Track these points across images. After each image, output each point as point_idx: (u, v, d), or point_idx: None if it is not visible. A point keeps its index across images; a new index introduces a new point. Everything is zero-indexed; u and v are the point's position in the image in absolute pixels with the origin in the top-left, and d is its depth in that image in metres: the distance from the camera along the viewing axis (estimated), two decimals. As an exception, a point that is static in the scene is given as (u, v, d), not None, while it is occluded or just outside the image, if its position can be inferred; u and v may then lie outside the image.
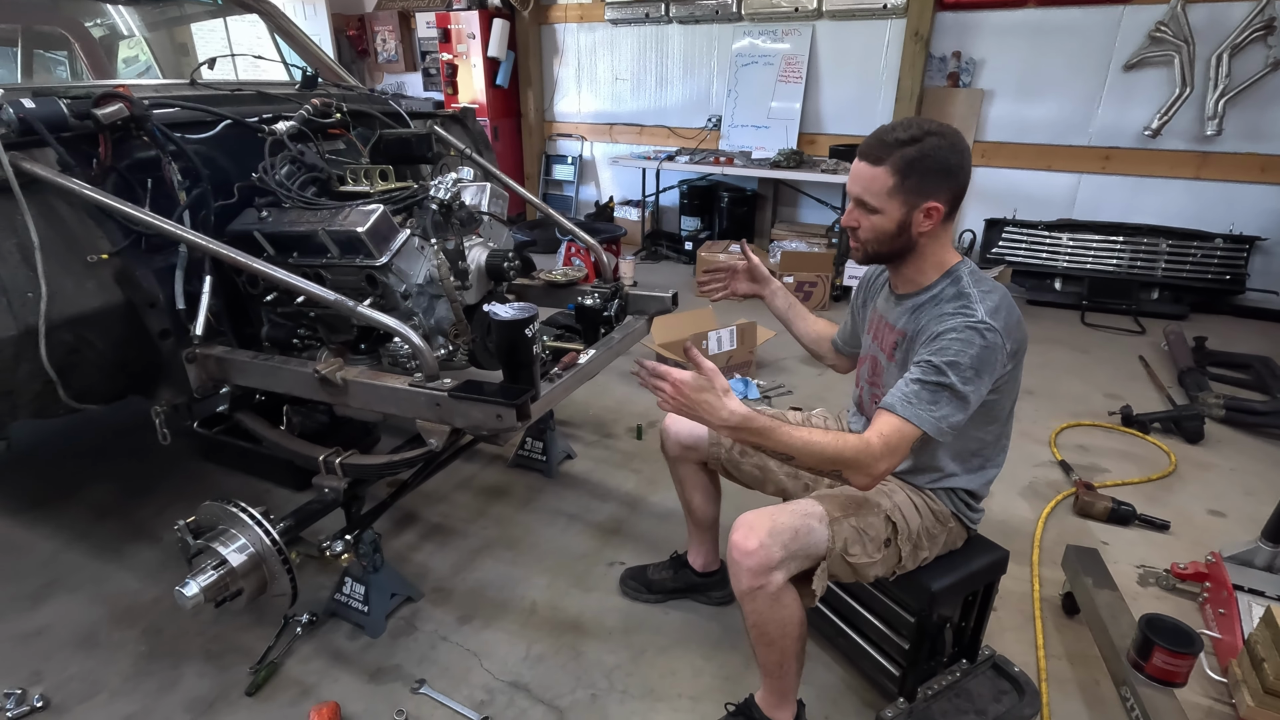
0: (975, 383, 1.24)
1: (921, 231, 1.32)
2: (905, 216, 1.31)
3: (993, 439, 1.43)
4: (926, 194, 1.28)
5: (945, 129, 1.28)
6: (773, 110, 5.38)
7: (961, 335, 1.24)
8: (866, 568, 1.37)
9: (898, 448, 1.25)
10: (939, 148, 1.26)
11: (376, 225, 1.72)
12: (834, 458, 1.25)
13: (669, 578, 1.97)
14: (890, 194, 1.29)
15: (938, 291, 1.36)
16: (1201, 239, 4.31)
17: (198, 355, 1.77)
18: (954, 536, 1.48)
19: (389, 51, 7.05)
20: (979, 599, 1.58)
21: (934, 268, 1.38)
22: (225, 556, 1.50)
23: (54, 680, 1.72)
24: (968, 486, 1.45)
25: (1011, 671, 1.66)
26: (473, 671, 1.74)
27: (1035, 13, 4.43)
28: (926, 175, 1.27)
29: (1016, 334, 1.30)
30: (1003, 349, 1.26)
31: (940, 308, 1.32)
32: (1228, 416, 2.96)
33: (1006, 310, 1.30)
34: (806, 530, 1.32)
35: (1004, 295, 1.33)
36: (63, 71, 3.54)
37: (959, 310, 1.28)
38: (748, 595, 1.32)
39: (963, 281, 1.33)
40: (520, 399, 1.46)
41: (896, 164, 1.27)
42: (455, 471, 2.60)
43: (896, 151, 1.26)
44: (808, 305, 4.75)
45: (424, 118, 2.64)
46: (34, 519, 2.35)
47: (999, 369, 1.28)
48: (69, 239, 1.63)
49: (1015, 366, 1.35)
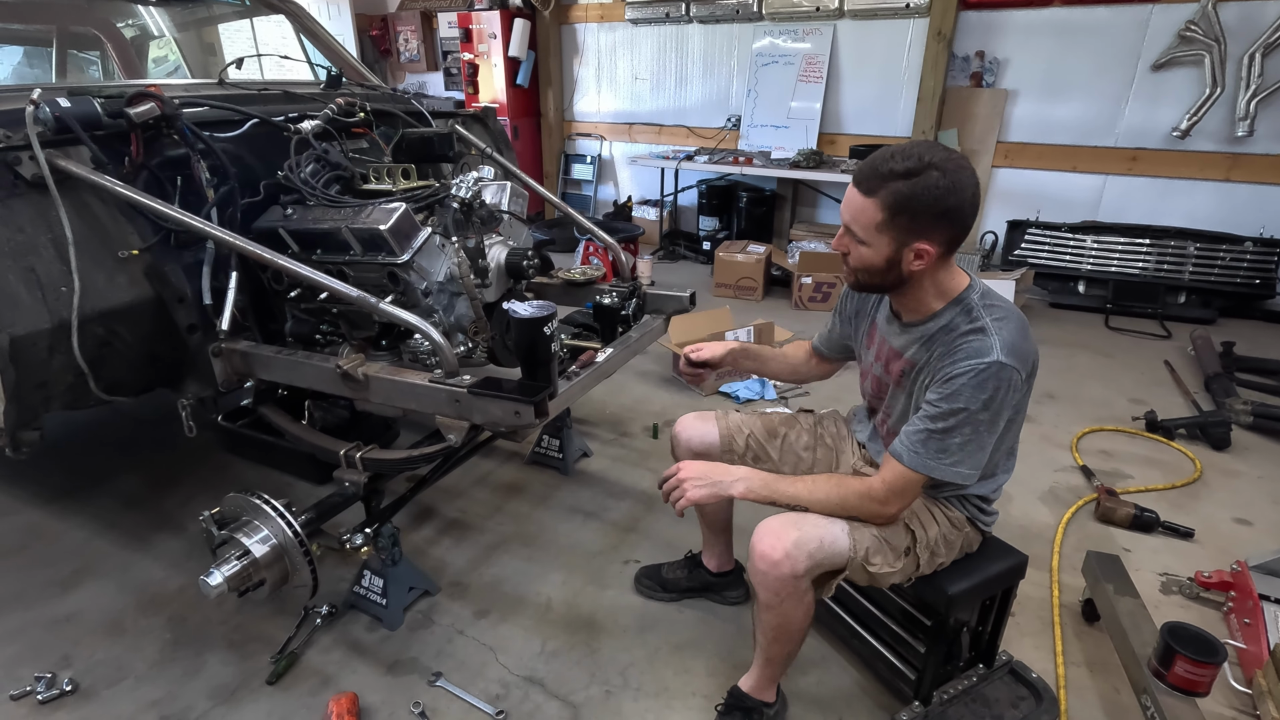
0: (992, 424, 1.22)
1: (913, 270, 1.24)
2: (894, 254, 1.23)
3: (1002, 454, 1.41)
4: (917, 234, 1.19)
5: (949, 162, 1.16)
6: (793, 110, 5.35)
7: (977, 379, 1.19)
8: (885, 576, 1.37)
9: (904, 491, 1.29)
10: (936, 186, 1.15)
11: (399, 223, 1.74)
12: (839, 508, 1.33)
13: (683, 577, 1.98)
14: (879, 229, 1.21)
15: (947, 322, 1.28)
16: (1231, 242, 4.23)
17: (223, 350, 1.80)
18: (969, 541, 1.47)
19: (411, 51, 7.12)
20: (997, 603, 1.56)
21: (938, 297, 1.30)
22: (249, 547, 1.53)
23: (83, 665, 1.76)
24: (979, 493, 1.44)
25: (1029, 677, 1.64)
26: (488, 666, 1.76)
27: (1060, 12, 4.37)
28: (919, 215, 1.17)
29: (1031, 359, 1.25)
30: (1020, 381, 1.22)
31: (953, 343, 1.24)
32: (1255, 423, 2.90)
33: (1022, 337, 1.23)
34: (831, 539, 1.32)
35: (1018, 319, 1.25)
36: (95, 71, 3.62)
37: (975, 350, 1.20)
38: (774, 604, 1.34)
39: (974, 311, 1.25)
40: (538, 396, 1.47)
41: (887, 199, 1.18)
42: (473, 468, 2.62)
43: (890, 184, 1.17)
44: (827, 306, 4.69)
45: (446, 117, 2.67)
46: (64, 508, 2.41)
47: (1016, 398, 1.24)
48: (101, 235, 1.67)
49: (1029, 389, 1.31)
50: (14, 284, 1.51)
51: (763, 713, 1.53)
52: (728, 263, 4.74)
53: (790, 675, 1.62)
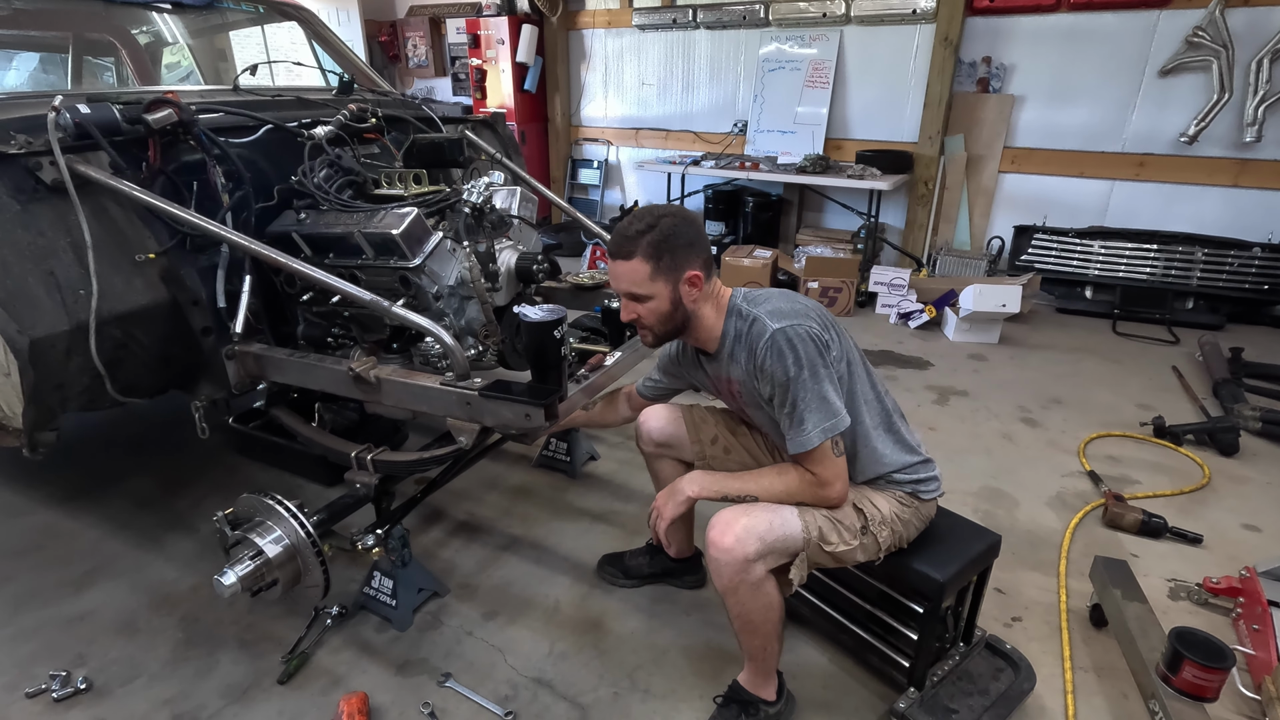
0: (814, 374, 1.33)
1: (693, 300, 1.43)
2: (674, 293, 1.41)
3: (868, 402, 1.45)
4: (682, 266, 1.39)
5: (671, 209, 1.42)
6: (799, 115, 5.37)
7: (773, 353, 1.34)
8: (847, 554, 1.42)
9: (830, 468, 1.38)
10: (675, 225, 1.37)
11: (411, 228, 1.76)
12: (786, 495, 1.41)
13: (645, 563, 2.04)
14: (652, 279, 1.39)
15: (733, 332, 1.45)
16: (1239, 248, 4.21)
17: (237, 352, 1.83)
18: (923, 512, 1.51)
19: (419, 57, 7.17)
20: (974, 583, 1.61)
21: (716, 318, 1.47)
22: (262, 547, 1.55)
23: (97, 663, 1.78)
24: (899, 464, 1.47)
25: (1004, 649, 1.69)
26: (497, 667, 1.77)
27: (1068, 17, 4.37)
28: (675, 251, 1.38)
29: (807, 312, 1.39)
30: (808, 332, 1.34)
31: (748, 345, 1.41)
32: (1264, 429, 2.89)
33: (786, 302, 1.41)
34: (781, 522, 1.38)
35: (778, 294, 1.45)
36: (110, 77, 3.66)
37: (756, 336, 1.38)
38: (730, 590, 1.39)
39: (742, 310, 1.43)
40: (548, 399, 1.49)
41: (646, 252, 1.37)
42: (482, 471, 2.64)
43: (640, 241, 1.37)
44: (834, 310, 4.68)
45: (456, 123, 2.70)
46: (79, 508, 2.44)
47: (826, 344, 1.36)
48: (119, 239, 1.70)
49: (836, 331, 1.42)
50: (34, 286, 1.54)
51: (760, 708, 1.54)
52: (734, 267, 4.76)
53: (786, 672, 1.63)
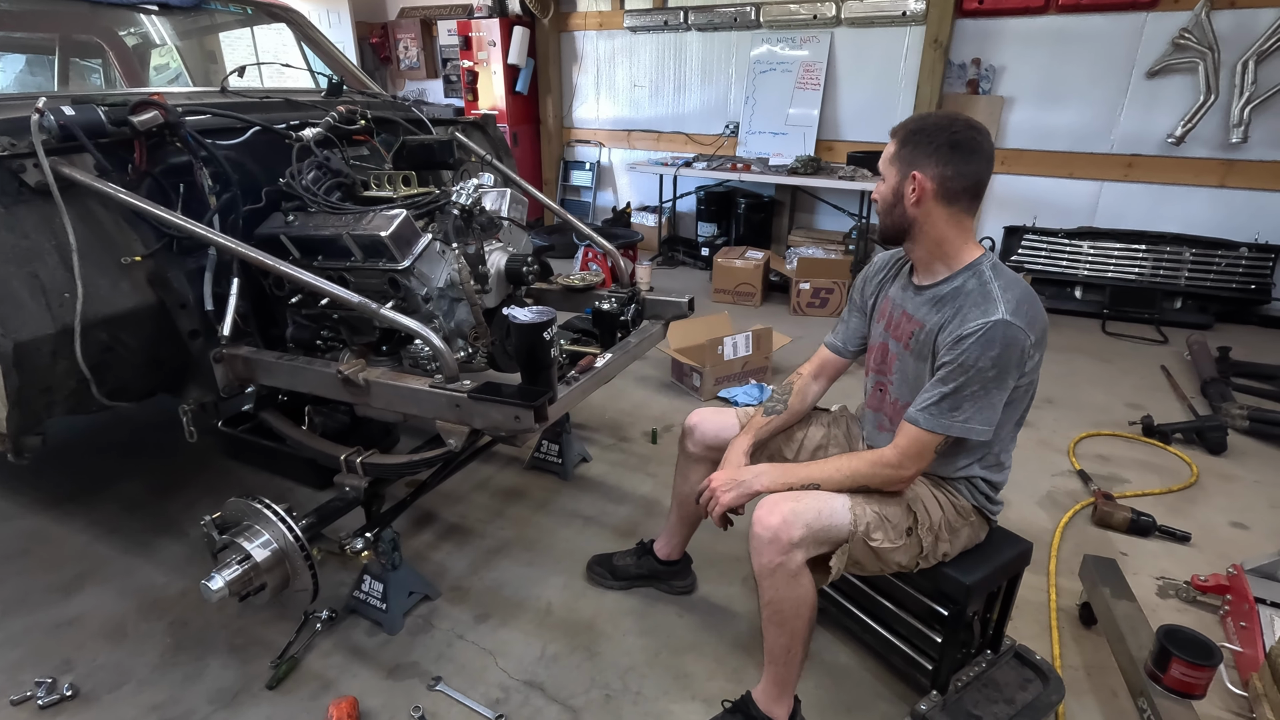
0: (999, 381, 1.27)
1: (911, 203, 1.34)
2: (898, 185, 1.36)
3: (1010, 429, 1.43)
4: (914, 164, 1.33)
5: (973, 126, 1.32)
6: (790, 117, 5.38)
7: (984, 337, 1.25)
8: (890, 553, 1.38)
9: (920, 455, 1.33)
10: (950, 123, 1.31)
11: (399, 230, 1.75)
12: (850, 479, 1.38)
13: (632, 564, 2.02)
14: (890, 160, 1.37)
15: (959, 284, 1.35)
16: (1226, 248, 4.25)
17: (225, 355, 1.81)
18: (976, 530, 1.49)
19: (411, 58, 7.15)
20: (1003, 590, 1.60)
21: (953, 258, 1.37)
22: (250, 552, 1.53)
23: (84, 669, 1.77)
24: (987, 477, 1.46)
25: (1034, 660, 1.66)
26: (488, 670, 1.76)
27: (1056, 19, 4.40)
28: (921, 144, 1.32)
29: (1039, 325, 1.31)
30: (1027, 342, 1.27)
31: (962, 307, 1.31)
32: (1251, 428, 2.91)
33: (1029, 303, 1.30)
34: (830, 511, 1.35)
35: (1026, 289, 1.32)
36: (97, 79, 3.63)
37: (981, 310, 1.27)
38: (767, 572, 1.34)
39: (985, 275, 1.33)
40: (538, 401, 1.48)
41: (900, 133, 1.36)
42: (473, 473, 2.63)
43: (908, 125, 1.36)
44: (825, 311, 4.67)
45: (446, 124, 2.69)
46: (66, 512, 2.42)
47: (1024, 362, 1.29)
48: (105, 241, 1.68)
49: (1039, 358, 1.34)
50: (18, 289, 1.52)
51: None
52: (726, 268, 4.77)
53: (806, 672, 1.62)
